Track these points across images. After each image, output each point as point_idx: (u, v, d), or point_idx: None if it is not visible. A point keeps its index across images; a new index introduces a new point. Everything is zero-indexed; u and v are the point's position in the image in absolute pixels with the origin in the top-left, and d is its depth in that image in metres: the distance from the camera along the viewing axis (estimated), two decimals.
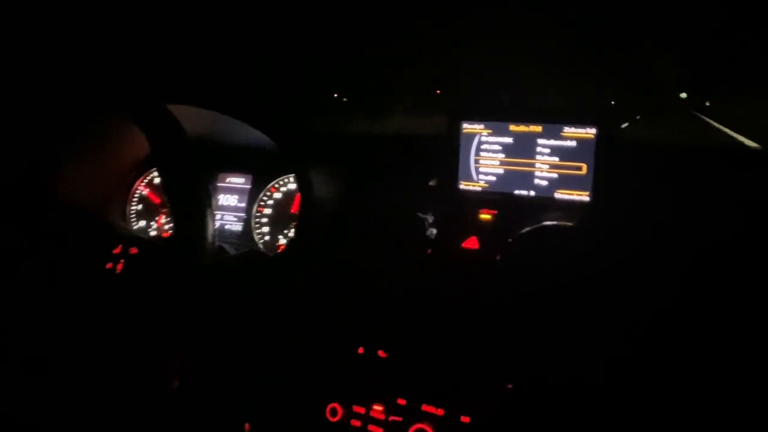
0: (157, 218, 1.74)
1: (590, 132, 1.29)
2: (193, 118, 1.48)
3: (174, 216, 1.08)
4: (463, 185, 1.44)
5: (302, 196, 1.33)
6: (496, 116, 1.40)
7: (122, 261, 1.18)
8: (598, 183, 1.28)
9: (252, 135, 1.48)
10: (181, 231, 1.06)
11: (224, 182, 1.67)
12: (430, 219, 1.36)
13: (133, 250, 1.20)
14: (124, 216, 1.74)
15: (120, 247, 1.21)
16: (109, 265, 1.19)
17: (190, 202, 1.05)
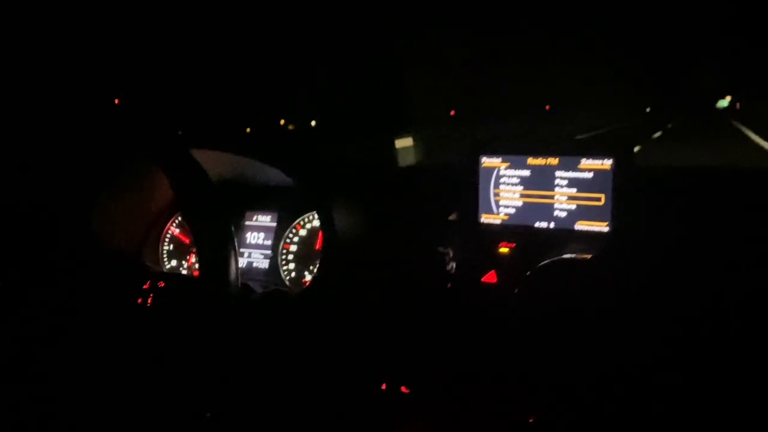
0: (188, 258, 1.79)
1: (607, 163, 1.29)
2: (219, 160, 1.54)
3: (199, 257, 1.12)
4: (483, 218, 1.45)
5: (323, 233, 1.36)
6: (513, 150, 1.42)
7: (151, 295, 1.23)
8: (616, 213, 1.28)
9: (277, 174, 1.53)
10: (206, 273, 1.10)
11: (251, 221, 1.72)
12: (451, 253, 1.37)
13: (161, 284, 1.24)
14: (157, 257, 1.80)
15: (149, 282, 1.26)
16: (139, 300, 1.24)
17: (213, 244, 1.09)
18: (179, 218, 1.83)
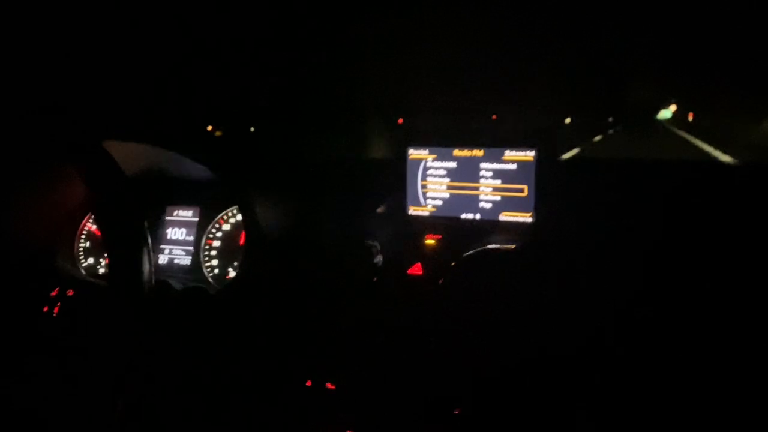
0: (105, 255, 1.70)
1: (529, 155, 1.31)
2: (138, 153, 1.46)
3: (109, 256, 1.06)
4: (411, 210, 1.44)
5: (246, 227, 1.32)
6: (439, 141, 1.42)
7: (59, 304, 1.16)
8: (539, 204, 1.30)
9: (199, 167, 1.47)
10: (116, 271, 1.04)
11: (172, 216, 1.65)
12: (378, 246, 1.36)
13: (70, 292, 1.17)
14: (72, 255, 1.70)
15: (57, 289, 1.19)
16: (45, 309, 1.17)
17: (124, 242, 1.03)
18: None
